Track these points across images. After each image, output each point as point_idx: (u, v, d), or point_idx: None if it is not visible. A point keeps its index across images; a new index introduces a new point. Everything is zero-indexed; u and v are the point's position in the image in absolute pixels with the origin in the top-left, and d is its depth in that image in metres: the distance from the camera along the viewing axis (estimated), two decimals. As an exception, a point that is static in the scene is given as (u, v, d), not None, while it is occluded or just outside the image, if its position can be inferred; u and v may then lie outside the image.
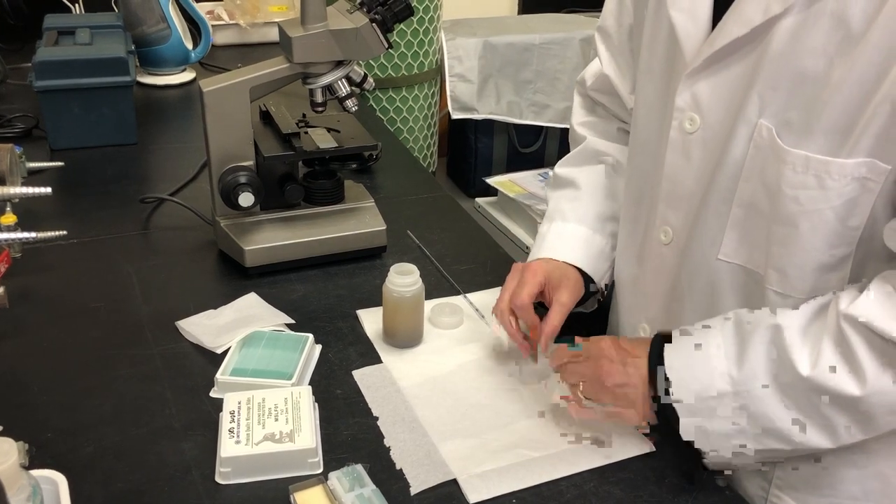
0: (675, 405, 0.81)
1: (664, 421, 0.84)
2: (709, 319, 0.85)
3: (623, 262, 1.04)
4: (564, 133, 1.79)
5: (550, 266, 1.00)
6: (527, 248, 2.10)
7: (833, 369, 0.74)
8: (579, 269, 1.02)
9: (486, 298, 1.15)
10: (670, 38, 0.87)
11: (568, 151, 1.16)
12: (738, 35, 0.78)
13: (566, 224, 1.06)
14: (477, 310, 1.12)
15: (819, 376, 0.74)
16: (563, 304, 0.96)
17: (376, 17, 1.09)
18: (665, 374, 0.82)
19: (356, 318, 1.10)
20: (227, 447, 0.82)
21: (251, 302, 1.11)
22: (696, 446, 0.82)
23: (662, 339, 0.85)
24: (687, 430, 0.81)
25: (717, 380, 0.79)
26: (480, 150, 3.39)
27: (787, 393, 0.77)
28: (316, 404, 0.91)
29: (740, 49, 0.79)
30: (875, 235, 0.77)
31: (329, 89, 1.14)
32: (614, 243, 1.06)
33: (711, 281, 0.88)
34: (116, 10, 2.02)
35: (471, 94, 2.49)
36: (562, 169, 1.13)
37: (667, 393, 0.82)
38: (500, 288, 1.11)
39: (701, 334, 0.83)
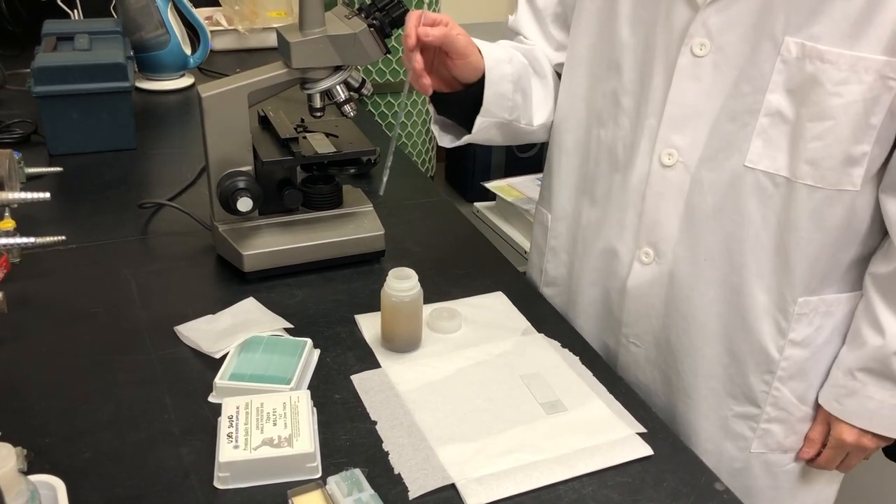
0: None
1: None
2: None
3: (598, 197, 1.08)
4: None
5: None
6: (525, 252, 2.10)
7: None
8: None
9: (482, 301, 1.16)
10: None
11: None
12: None
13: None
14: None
15: None
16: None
17: (374, 22, 1.10)
18: None
19: (354, 322, 1.10)
20: (226, 452, 0.82)
21: (249, 307, 1.11)
22: None
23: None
24: None
25: None
26: (479, 155, 3.39)
27: None
28: (314, 409, 0.91)
29: None
30: (883, 137, 0.87)
31: (327, 94, 1.15)
32: (515, 81, 1.10)
33: (732, 189, 0.94)
34: (115, 16, 2.02)
35: (469, 98, 2.50)
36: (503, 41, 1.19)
37: None
38: (499, 293, 1.19)
39: None
